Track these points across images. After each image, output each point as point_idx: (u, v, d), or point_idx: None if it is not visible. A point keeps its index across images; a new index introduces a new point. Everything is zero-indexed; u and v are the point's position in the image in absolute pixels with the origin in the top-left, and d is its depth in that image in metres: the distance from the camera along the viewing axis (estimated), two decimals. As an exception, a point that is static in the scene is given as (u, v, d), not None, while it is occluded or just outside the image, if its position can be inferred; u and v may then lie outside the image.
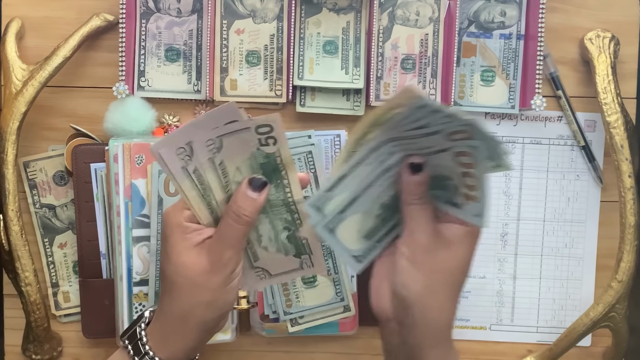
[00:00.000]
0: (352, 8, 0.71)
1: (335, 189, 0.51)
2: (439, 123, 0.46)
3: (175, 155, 0.49)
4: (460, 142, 0.47)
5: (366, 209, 0.52)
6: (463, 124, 0.45)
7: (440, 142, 0.48)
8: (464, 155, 0.48)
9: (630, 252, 0.69)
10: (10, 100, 0.68)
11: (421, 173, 0.50)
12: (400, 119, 0.48)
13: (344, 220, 0.52)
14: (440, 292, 0.50)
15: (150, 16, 0.71)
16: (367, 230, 0.53)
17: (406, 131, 0.48)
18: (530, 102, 0.71)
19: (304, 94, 0.72)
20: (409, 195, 0.51)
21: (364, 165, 0.50)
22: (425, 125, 0.47)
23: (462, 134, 0.46)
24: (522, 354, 0.75)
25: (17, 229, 0.68)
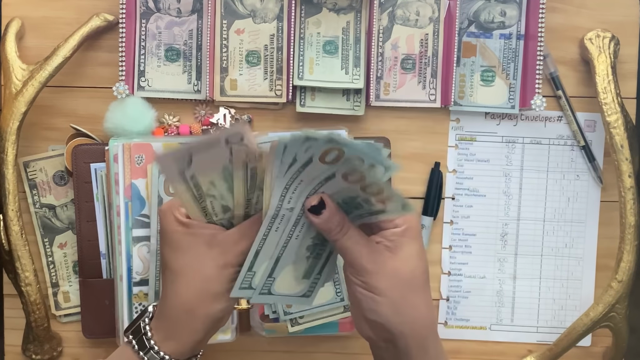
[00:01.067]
0: (352, 8, 0.71)
1: (254, 266, 0.51)
2: (303, 151, 0.46)
3: (174, 162, 0.50)
4: (336, 164, 0.47)
5: (294, 259, 0.52)
6: (324, 142, 0.45)
7: (319, 169, 0.47)
8: (349, 174, 0.47)
9: (630, 252, 0.69)
10: (10, 100, 0.68)
11: (325, 210, 0.49)
12: (272, 168, 0.47)
13: (277, 279, 0.53)
14: (408, 303, 0.50)
15: (150, 16, 0.71)
16: (304, 272, 0.54)
17: (285, 175, 0.48)
18: (530, 102, 0.71)
19: (304, 94, 0.72)
20: (328, 234, 0.50)
21: (273, 233, 0.50)
22: (294, 159, 0.47)
23: (331, 153, 0.46)
24: (522, 354, 0.75)
25: (17, 229, 0.68)
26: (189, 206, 0.52)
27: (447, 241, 0.75)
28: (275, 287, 0.53)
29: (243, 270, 0.51)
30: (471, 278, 0.75)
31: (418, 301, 0.50)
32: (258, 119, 0.73)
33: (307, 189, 0.49)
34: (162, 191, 0.66)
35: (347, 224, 0.50)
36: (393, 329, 0.50)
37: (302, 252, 0.53)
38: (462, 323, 0.75)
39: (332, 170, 0.47)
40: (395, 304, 0.50)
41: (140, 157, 0.66)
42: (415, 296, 0.50)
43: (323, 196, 0.49)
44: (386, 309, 0.50)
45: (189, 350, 0.53)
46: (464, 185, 0.74)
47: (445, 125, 0.74)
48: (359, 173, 0.47)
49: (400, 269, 0.50)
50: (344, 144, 0.45)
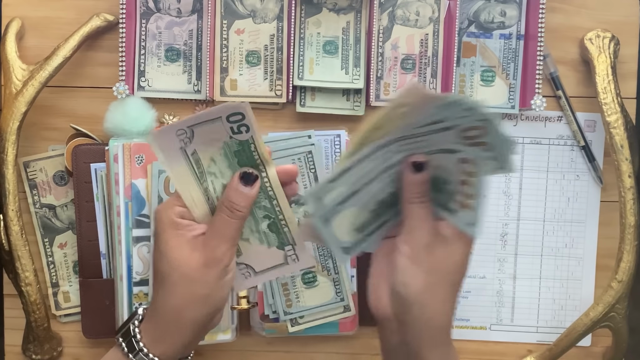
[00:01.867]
0: (352, 8, 0.71)
1: (337, 180, 0.51)
2: (456, 117, 0.46)
3: (175, 137, 0.49)
4: (470, 147, 0.47)
5: (363, 203, 0.52)
6: (480, 119, 0.45)
7: (451, 139, 0.48)
8: (468, 163, 0.48)
9: (630, 252, 0.69)
10: (10, 100, 0.68)
11: (423, 172, 0.50)
12: (417, 116, 0.47)
13: (341, 212, 0.52)
14: (440, 291, 0.51)
15: (150, 16, 0.71)
16: (360, 224, 0.53)
17: (419, 127, 0.48)
18: (530, 102, 0.71)
19: (304, 94, 0.72)
20: (410, 194, 0.51)
21: (369, 161, 0.50)
22: (441, 120, 0.47)
23: (476, 130, 0.46)
24: (522, 354, 0.75)
25: (17, 229, 0.68)
26: (189, 189, 0.51)
27: (447, 241, 0.75)
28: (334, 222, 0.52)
29: (325, 178, 0.51)
30: (471, 278, 0.75)
31: (448, 295, 0.51)
32: (258, 119, 0.73)
33: (422, 148, 0.50)
34: (162, 191, 0.66)
35: (428, 195, 0.51)
36: (416, 309, 0.50)
37: (372, 203, 0.53)
38: (462, 323, 0.75)
39: (457, 147, 0.48)
40: (429, 286, 0.50)
41: (140, 157, 0.66)
42: (448, 289, 0.51)
43: (429, 159, 0.50)
44: (420, 286, 0.50)
45: (178, 353, 0.53)
46: (464, 185, 0.74)
47: (445, 125, 0.74)
48: (477, 167, 0.47)
49: (447, 259, 0.51)
50: (493, 127, 0.45)
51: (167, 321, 0.52)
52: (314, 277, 0.69)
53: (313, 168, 0.68)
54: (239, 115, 0.49)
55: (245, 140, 0.50)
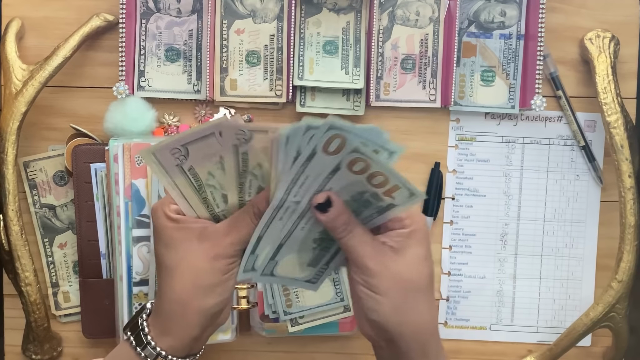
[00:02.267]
0: (352, 8, 0.71)
1: (257, 249, 0.52)
2: (306, 142, 0.46)
3: (170, 155, 0.50)
4: (339, 153, 0.47)
5: (298, 248, 0.53)
6: (325, 130, 0.45)
7: (325, 161, 0.47)
8: (354, 164, 0.47)
9: (630, 252, 0.69)
10: (10, 100, 0.68)
11: (332, 208, 0.49)
12: (276, 161, 0.47)
13: (280, 262, 0.53)
14: (407, 305, 0.50)
15: (150, 16, 0.71)
16: (310, 260, 0.54)
17: (291, 169, 0.48)
18: (530, 102, 0.71)
19: (304, 94, 0.72)
20: (333, 232, 0.50)
21: (276, 221, 0.50)
22: (298, 152, 0.46)
23: (334, 142, 0.46)
24: (522, 354, 0.75)
25: (17, 229, 0.68)
26: (186, 199, 0.52)
27: (447, 241, 0.75)
28: (279, 270, 0.53)
29: (246, 253, 0.52)
30: (471, 278, 0.75)
31: (419, 304, 0.50)
32: (258, 119, 0.73)
33: (314, 183, 0.49)
34: (162, 191, 0.66)
35: (353, 222, 0.50)
36: (393, 330, 0.50)
37: (309, 243, 0.53)
38: (462, 323, 0.75)
39: (337, 161, 0.47)
40: (396, 305, 0.50)
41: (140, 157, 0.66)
42: (416, 299, 0.50)
43: (330, 194, 0.49)
44: (387, 309, 0.50)
45: (186, 346, 0.53)
46: (464, 185, 0.74)
47: (445, 125, 0.74)
48: (364, 161, 0.47)
49: (403, 271, 0.50)
50: (345, 129, 0.45)
51: (174, 312, 0.52)
52: (314, 277, 0.69)
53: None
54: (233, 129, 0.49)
55: (244, 152, 0.50)
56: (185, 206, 0.53)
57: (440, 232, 0.74)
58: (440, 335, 0.75)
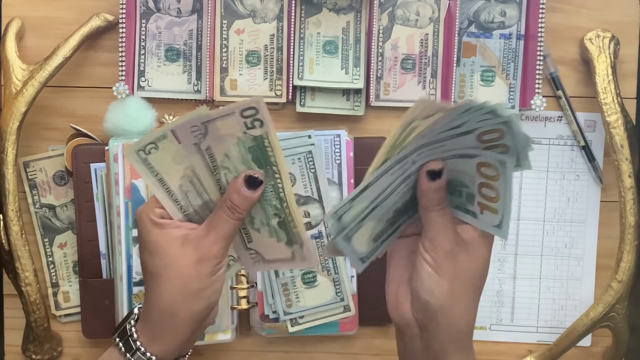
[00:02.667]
0: (352, 8, 0.71)
1: (357, 198, 0.51)
2: (475, 121, 0.46)
3: (190, 133, 0.49)
4: (488, 151, 0.47)
5: (381, 215, 0.52)
6: (499, 122, 0.45)
7: (469, 144, 0.47)
8: (486, 166, 0.47)
9: (630, 252, 0.69)
10: (10, 100, 0.68)
11: (439, 179, 0.50)
12: (436, 125, 0.47)
13: (361, 228, 0.52)
14: (463, 297, 0.50)
15: (150, 16, 0.71)
16: (377, 234, 0.53)
17: (437, 134, 0.48)
18: (530, 102, 0.71)
19: (304, 94, 0.72)
20: (428, 202, 0.50)
21: (388, 175, 0.50)
22: (459, 125, 0.47)
23: (494, 133, 0.46)
24: (522, 354, 0.75)
25: (17, 229, 0.68)
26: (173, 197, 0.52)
27: (447, 241, 0.75)
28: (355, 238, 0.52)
29: (346, 197, 0.51)
30: (471, 278, 0.75)
31: (471, 301, 0.51)
32: (258, 119, 0.73)
33: (439, 154, 0.49)
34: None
35: (446, 201, 0.51)
36: (440, 316, 0.50)
37: (390, 213, 0.52)
38: (462, 323, 0.75)
39: (477, 153, 0.48)
40: (454, 293, 0.50)
41: (140, 157, 0.66)
42: (470, 296, 0.51)
43: (445, 165, 0.50)
44: (444, 293, 0.50)
45: (175, 351, 0.53)
46: (464, 185, 0.74)
47: (445, 125, 0.74)
48: (496, 171, 0.47)
49: (469, 265, 0.50)
50: (512, 128, 0.45)
51: (163, 319, 0.52)
52: (314, 277, 0.69)
53: (313, 168, 0.68)
54: (253, 110, 0.49)
55: (259, 135, 0.50)
56: (171, 206, 0.52)
57: (440, 232, 0.74)
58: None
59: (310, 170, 0.67)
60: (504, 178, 0.47)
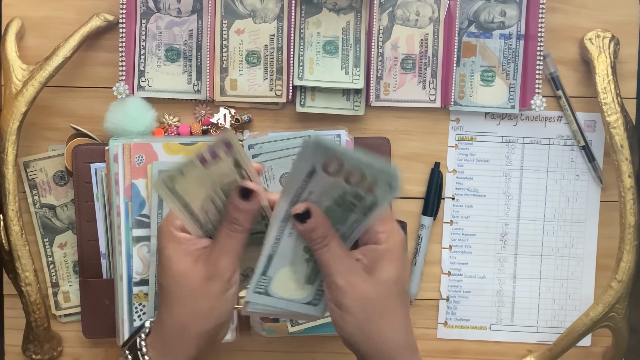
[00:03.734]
0: (352, 8, 0.71)
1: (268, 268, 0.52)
2: (311, 159, 0.46)
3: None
4: (347, 186, 0.47)
5: (290, 260, 0.52)
6: (326, 153, 0.45)
7: (326, 184, 0.48)
8: (329, 166, 0.47)
9: (630, 252, 0.69)
10: (10, 100, 0.68)
11: (310, 219, 0.49)
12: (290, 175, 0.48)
13: (274, 279, 0.52)
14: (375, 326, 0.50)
15: (150, 16, 0.71)
16: (306, 276, 0.53)
17: (295, 184, 0.48)
18: (530, 102, 0.71)
19: (304, 94, 0.72)
20: (309, 243, 0.50)
21: (272, 230, 0.51)
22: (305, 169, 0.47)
23: (335, 164, 0.46)
24: (522, 354, 0.75)
25: (17, 229, 0.68)
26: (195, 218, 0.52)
27: (447, 241, 0.75)
28: (273, 288, 0.52)
29: (256, 274, 0.51)
30: (471, 278, 0.75)
31: (386, 325, 0.50)
32: (258, 119, 0.73)
33: (306, 199, 0.49)
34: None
35: (331, 235, 0.50)
36: (358, 348, 0.50)
37: (300, 254, 0.52)
38: (462, 323, 0.75)
39: (336, 181, 0.47)
40: (360, 324, 0.50)
41: (140, 157, 0.66)
42: (383, 320, 0.50)
43: (310, 205, 0.49)
44: (352, 328, 0.50)
45: None
46: (463, 185, 0.74)
47: (445, 125, 0.74)
48: (337, 162, 0.46)
49: (370, 292, 0.50)
50: (349, 157, 0.45)
51: (172, 336, 0.51)
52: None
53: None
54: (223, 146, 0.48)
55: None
56: (191, 225, 0.52)
57: (440, 232, 0.75)
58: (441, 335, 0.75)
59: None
60: (343, 158, 0.46)
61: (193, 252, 0.51)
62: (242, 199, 0.50)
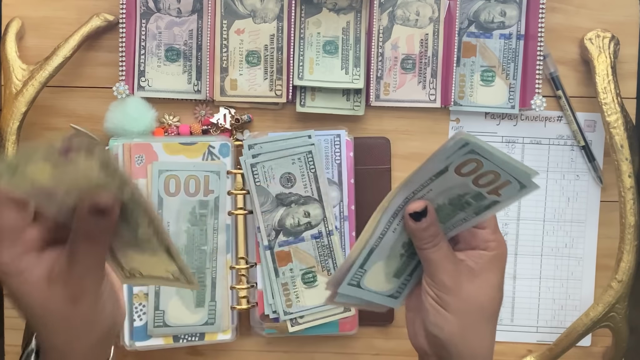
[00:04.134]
0: (352, 8, 0.71)
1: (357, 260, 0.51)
2: (449, 157, 0.45)
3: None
4: (470, 176, 0.46)
5: (387, 254, 0.51)
6: (467, 151, 0.44)
7: (454, 182, 0.47)
8: (464, 165, 0.46)
9: (630, 252, 0.69)
10: (11, 100, 0.68)
11: (425, 219, 0.49)
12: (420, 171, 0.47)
13: (368, 272, 0.52)
14: (472, 328, 0.50)
15: (150, 16, 0.71)
16: (396, 270, 0.53)
17: (419, 181, 0.48)
18: (530, 102, 0.71)
19: (304, 94, 0.72)
20: (418, 242, 0.50)
21: (379, 226, 0.50)
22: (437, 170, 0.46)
23: (472, 164, 0.45)
24: (522, 354, 0.75)
25: (17, 229, 0.68)
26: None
27: (447, 241, 0.75)
28: (365, 281, 0.52)
29: (355, 266, 0.50)
30: (471, 278, 0.75)
31: (484, 330, 0.50)
32: (258, 119, 0.73)
33: (425, 196, 0.49)
34: (162, 191, 0.66)
35: (440, 235, 0.50)
36: (453, 350, 0.50)
37: (397, 249, 0.52)
38: (462, 323, 0.75)
39: (464, 181, 0.47)
40: (463, 326, 0.49)
41: (140, 157, 0.66)
42: (483, 325, 0.50)
43: (427, 204, 0.49)
44: (453, 328, 0.49)
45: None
46: (464, 185, 0.74)
47: (445, 125, 0.74)
48: (476, 161, 0.46)
49: (476, 294, 0.49)
50: (491, 156, 0.44)
51: (57, 357, 0.45)
52: (313, 277, 0.69)
53: (313, 168, 0.68)
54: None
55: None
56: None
57: (440, 232, 0.74)
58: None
59: (310, 170, 0.68)
60: (483, 159, 0.45)
61: (42, 276, 0.42)
62: (96, 216, 0.41)
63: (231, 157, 0.69)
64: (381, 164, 0.73)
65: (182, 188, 0.66)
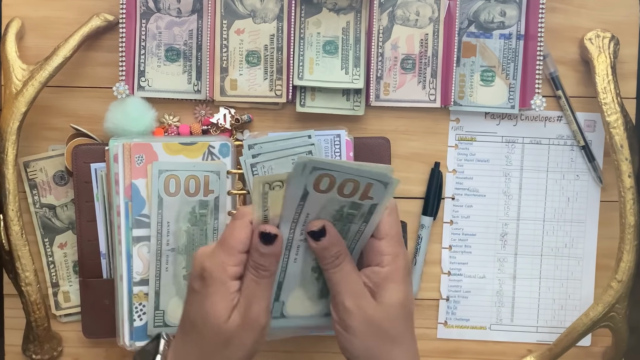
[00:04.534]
0: (352, 8, 0.71)
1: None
2: (303, 179, 0.46)
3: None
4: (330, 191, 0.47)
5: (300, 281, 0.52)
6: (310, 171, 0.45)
7: (319, 199, 0.47)
8: (319, 183, 0.47)
9: (630, 252, 0.69)
10: (10, 100, 0.68)
11: (325, 238, 0.48)
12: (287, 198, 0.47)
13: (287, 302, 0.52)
14: (377, 350, 0.49)
15: (150, 16, 0.71)
16: (318, 292, 0.53)
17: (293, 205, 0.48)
18: (530, 102, 0.71)
19: (304, 94, 0.72)
20: (321, 261, 0.50)
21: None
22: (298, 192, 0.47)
23: (326, 179, 0.46)
24: (522, 354, 0.75)
25: (17, 229, 0.68)
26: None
27: (447, 241, 0.75)
28: (289, 310, 0.52)
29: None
30: (471, 278, 0.75)
31: (393, 350, 0.50)
32: (258, 119, 0.73)
33: (313, 215, 0.49)
34: (162, 191, 0.66)
35: (343, 255, 0.49)
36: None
37: (309, 275, 0.52)
38: (462, 323, 0.75)
39: (331, 197, 0.47)
40: (366, 348, 0.49)
41: (140, 157, 0.66)
42: (389, 344, 0.50)
43: (326, 223, 0.48)
44: (359, 351, 0.49)
45: None
46: (463, 185, 0.74)
47: (445, 125, 0.74)
48: (328, 177, 0.46)
49: (376, 316, 0.49)
50: (333, 169, 0.45)
51: None
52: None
53: (313, 168, 0.68)
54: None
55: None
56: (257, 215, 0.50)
57: (440, 232, 0.75)
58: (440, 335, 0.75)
59: (310, 170, 0.67)
60: (332, 172, 0.46)
61: (232, 298, 0.49)
62: (265, 244, 0.48)
63: (231, 157, 0.69)
64: (381, 164, 0.73)
65: (182, 188, 0.66)
